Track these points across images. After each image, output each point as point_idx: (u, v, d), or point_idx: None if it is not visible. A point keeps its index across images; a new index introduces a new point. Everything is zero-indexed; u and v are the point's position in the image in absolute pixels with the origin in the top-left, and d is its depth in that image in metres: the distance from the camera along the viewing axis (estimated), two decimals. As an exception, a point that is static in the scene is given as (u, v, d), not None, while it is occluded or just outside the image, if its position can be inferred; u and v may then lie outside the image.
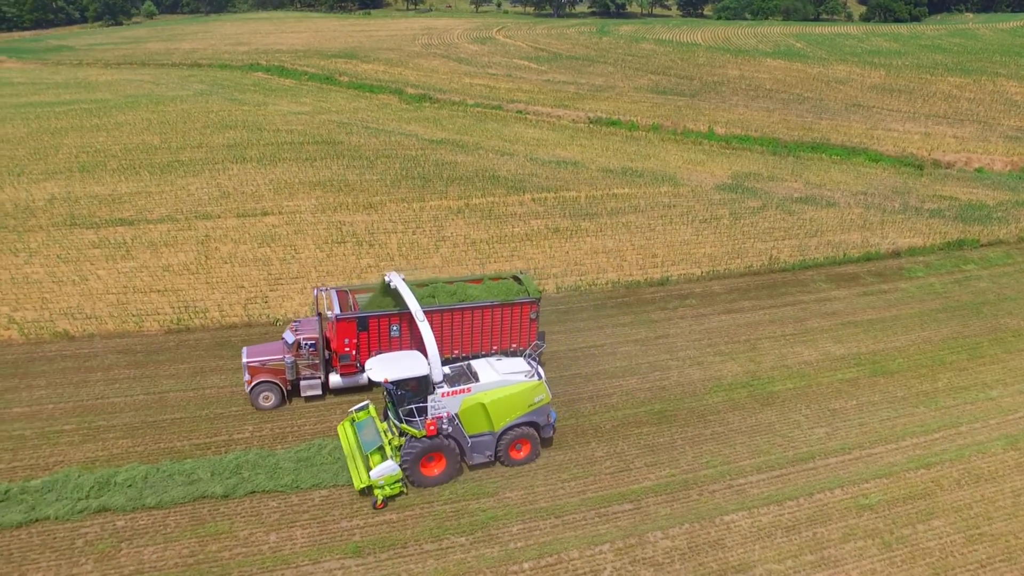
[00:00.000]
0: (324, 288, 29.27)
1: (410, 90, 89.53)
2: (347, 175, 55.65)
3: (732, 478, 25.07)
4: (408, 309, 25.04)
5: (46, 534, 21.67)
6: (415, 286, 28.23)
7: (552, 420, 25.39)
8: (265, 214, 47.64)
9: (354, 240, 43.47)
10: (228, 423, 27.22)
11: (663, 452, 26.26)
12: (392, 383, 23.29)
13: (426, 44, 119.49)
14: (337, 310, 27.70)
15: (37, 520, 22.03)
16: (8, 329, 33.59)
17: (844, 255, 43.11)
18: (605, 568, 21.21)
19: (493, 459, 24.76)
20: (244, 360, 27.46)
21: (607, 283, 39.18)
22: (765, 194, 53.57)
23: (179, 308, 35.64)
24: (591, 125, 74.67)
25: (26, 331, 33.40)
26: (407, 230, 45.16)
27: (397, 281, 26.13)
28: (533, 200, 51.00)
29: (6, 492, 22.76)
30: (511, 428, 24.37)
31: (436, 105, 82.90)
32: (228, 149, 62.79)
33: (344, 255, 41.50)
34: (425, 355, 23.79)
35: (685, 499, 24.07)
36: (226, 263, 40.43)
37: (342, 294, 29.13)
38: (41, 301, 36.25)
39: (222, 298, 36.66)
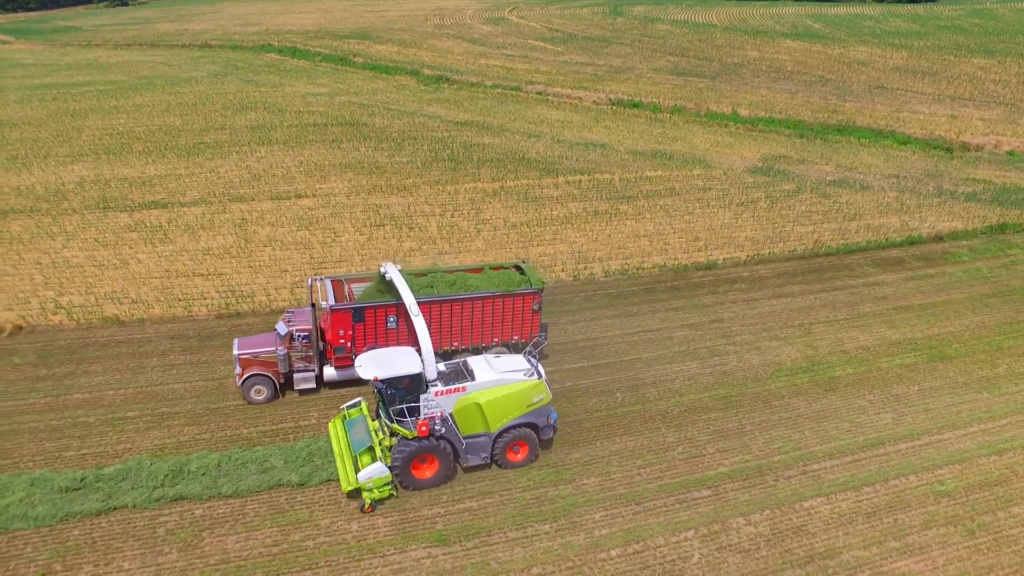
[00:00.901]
0: (319, 277, 28.16)
1: (426, 71, 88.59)
2: (376, 157, 55.09)
3: (805, 463, 24.89)
4: (403, 300, 23.93)
5: (126, 522, 21.44)
6: (413, 276, 27.63)
7: (552, 421, 24.10)
8: (299, 196, 47.16)
9: (392, 223, 43.04)
10: (292, 410, 26.96)
11: (733, 438, 26.06)
12: (382, 381, 22.07)
13: (438, 24, 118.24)
14: (332, 300, 26.58)
15: (115, 508, 21.81)
16: (56, 314, 33.21)
17: (886, 239, 42.79)
18: (692, 555, 21.06)
19: (489, 461, 23.58)
20: (235, 352, 26.48)
21: (653, 267, 38.87)
22: (798, 177, 53.13)
23: (225, 292, 35.27)
24: (613, 107, 74.00)
25: (74, 316, 33.02)
26: (444, 213, 44.73)
27: (393, 272, 25.12)
28: (567, 183, 50.54)
29: (82, 480, 22.51)
30: (508, 429, 23.14)
31: (455, 87, 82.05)
32: (252, 131, 62.12)
33: (385, 238, 41.09)
34: (419, 351, 22.60)
35: (761, 485, 23.89)
36: (267, 246, 40.01)
37: (337, 284, 27.99)
38: (85, 285, 35.85)
39: (267, 282, 36.28)
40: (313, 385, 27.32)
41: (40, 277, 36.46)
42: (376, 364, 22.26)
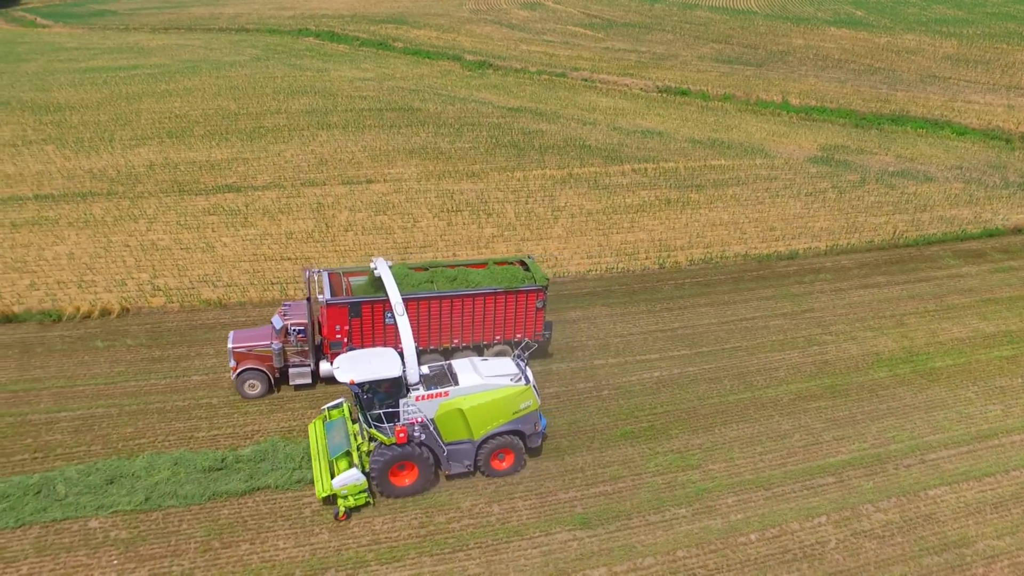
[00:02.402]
0: (316, 270, 27.29)
1: (468, 57, 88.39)
2: (438, 143, 55.24)
3: (922, 453, 25.13)
4: (389, 298, 23.16)
5: (272, 502, 21.89)
6: (413, 270, 27.05)
7: (541, 428, 23.31)
8: (370, 182, 47.40)
9: (469, 209, 43.27)
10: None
11: (847, 426, 26.31)
12: (358, 385, 20.97)
13: (474, 10, 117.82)
14: (328, 294, 25.73)
15: (258, 488, 22.22)
16: (155, 296, 33.65)
17: (962, 231, 42.77)
18: (829, 540, 21.37)
19: (473, 469, 22.82)
20: (230, 345, 25.96)
21: (736, 256, 39.01)
22: (860, 168, 53.01)
23: (316, 277, 35.55)
24: (661, 94, 73.78)
25: (173, 298, 33.44)
26: (518, 199, 44.91)
27: (382, 269, 24.33)
28: (634, 170, 50.60)
29: (223, 460, 22.97)
30: (493, 436, 22.30)
31: (500, 72, 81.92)
32: (308, 115, 62.31)
33: (464, 224, 41.34)
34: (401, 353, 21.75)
35: (883, 473, 24.16)
36: (348, 231, 40.32)
37: (335, 277, 27.19)
38: (176, 268, 36.25)
39: (356, 266, 36.51)
40: (309, 380, 26.82)
41: (131, 259, 36.87)
42: (354, 366, 21.17)
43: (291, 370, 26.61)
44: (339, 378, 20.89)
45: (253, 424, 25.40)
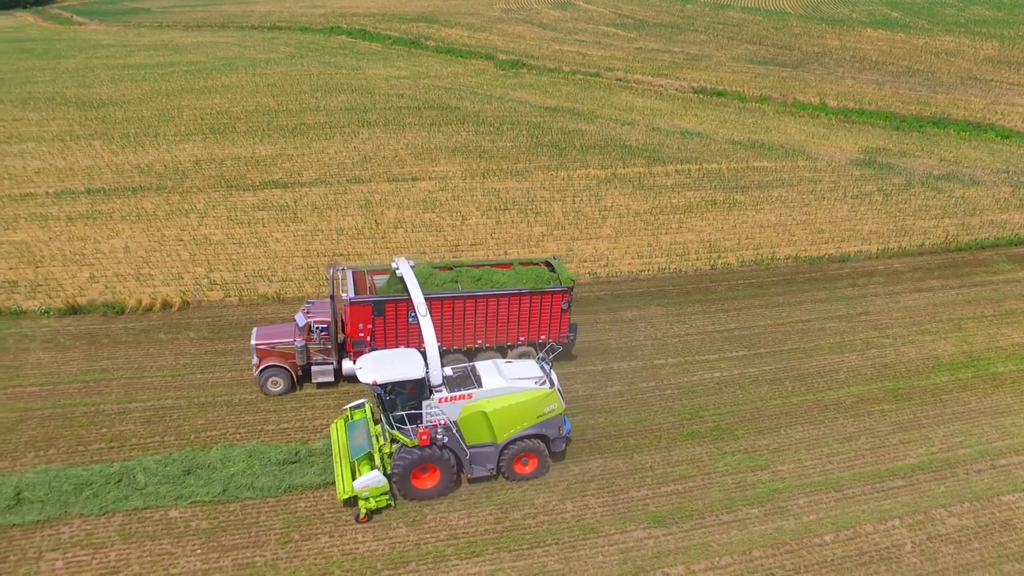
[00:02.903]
0: (340, 267, 27.15)
1: (502, 56, 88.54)
2: (479, 142, 55.39)
3: (992, 458, 24.94)
4: (411, 298, 23.01)
5: (347, 495, 22.01)
6: (437, 269, 26.82)
7: (565, 433, 22.88)
8: (415, 179, 47.61)
9: (516, 208, 43.37)
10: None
11: (912, 430, 26.15)
12: (380, 386, 20.73)
13: (505, 9, 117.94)
14: (351, 292, 25.63)
15: (332, 483, 22.37)
16: (212, 290, 34.00)
17: (1015, 236, 42.33)
18: (905, 543, 21.28)
19: (496, 473, 22.51)
20: (253, 342, 25.97)
21: (786, 257, 38.85)
22: (904, 171, 52.61)
23: (369, 273, 35.75)
24: (697, 95, 73.58)
25: (229, 292, 33.78)
26: (564, 199, 44.97)
27: (404, 269, 24.33)
28: (677, 171, 50.51)
29: (296, 453, 23.18)
30: (516, 440, 21.99)
31: (534, 72, 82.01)
32: (347, 113, 62.67)
33: (513, 223, 41.45)
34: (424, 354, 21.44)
35: (953, 477, 24.00)
36: (398, 228, 40.54)
37: (359, 275, 27.06)
38: (231, 263, 36.60)
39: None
40: (331, 379, 26.72)
41: (186, 254, 37.27)
42: (376, 367, 20.93)
43: (314, 368, 26.54)
44: (362, 379, 20.69)
45: (321, 418, 25.61)
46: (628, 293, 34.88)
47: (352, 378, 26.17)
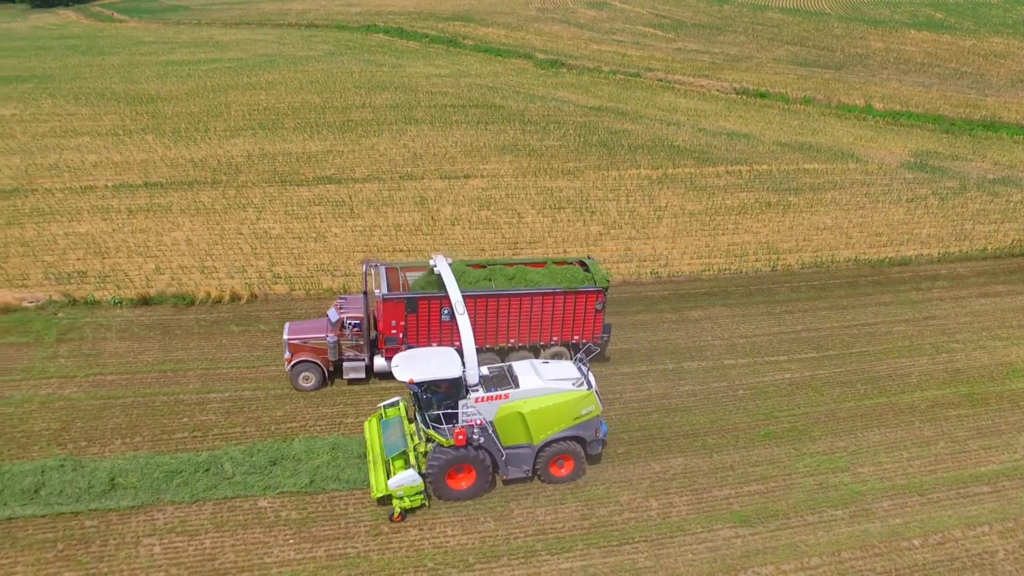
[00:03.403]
0: (374, 263, 27.03)
1: (540, 55, 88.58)
2: (527, 140, 55.45)
3: (1077, 466, 24.54)
4: (449, 296, 22.76)
5: (430, 489, 22.09)
6: (471, 267, 26.57)
7: (602, 435, 22.54)
8: (467, 177, 47.75)
9: (571, 207, 43.37)
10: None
11: (992, 436, 25.86)
12: (417, 384, 20.64)
13: (541, 8, 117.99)
14: (385, 289, 25.44)
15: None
16: (276, 284, 34.28)
17: (1079, 241, 41.70)
18: (997, 551, 21.03)
19: (531, 474, 22.24)
20: (285, 337, 25.88)
21: (846, 260, 38.55)
22: (958, 174, 52.00)
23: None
24: (740, 96, 73.16)
25: (293, 286, 34.06)
26: (617, 198, 44.91)
27: (442, 266, 24.02)
28: (728, 172, 50.27)
29: (378, 446, 23.23)
30: (553, 442, 21.73)
31: (574, 72, 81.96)
32: (393, 110, 62.96)
33: (569, 221, 41.45)
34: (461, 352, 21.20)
35: (1040, 485, 23.66)
36: (455, 224, 40.67)
37: (392, 271, 26.82)
38: (292, 257, 36.90)
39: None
40: (363, 375, 26.57)
41: (247, 247, 37.62)
42: (413, 365, 20.75)
43: (345, 364, 26.38)
44: (398, 377, 20.43)
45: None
46: (692, 293, 34.78)
47: (384, 375, 26.12)
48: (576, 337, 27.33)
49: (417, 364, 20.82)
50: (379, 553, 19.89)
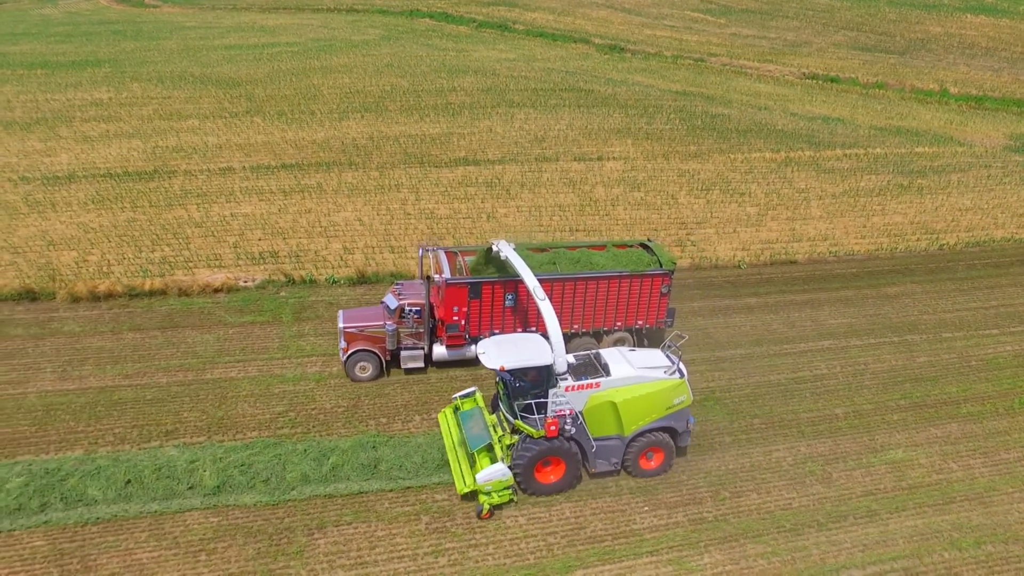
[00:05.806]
0: (432, 247, 26.12)
1: (597, 40, 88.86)
2: (637, 124, 55.95)
3: None
4: (524, 282, 21.46)
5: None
6: (532, 251, 25.67)
7: (691, 426, 21.71)
8: (601, 159, 48.19)
9: (717, 188, 44.02)
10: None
11: None
12: (508, 372, 19.84)
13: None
14: (447, 273, 24.60)
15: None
16: (470, 263, 34.50)
17: None
18: None
19: (619, 467, 21.39)
20: (340, 325, 24.97)
21: (1003, 240, 39.67)
22: (1059, 157, 53.39)
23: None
24: (810, 81, 74.14)
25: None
26: (756, 180, 45.64)
27: (507, 251, 22.68)
28: (846, 156, 51.22)
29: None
30: (644, 433, 20.90)
31: (638, 57, 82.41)
32: (486, 94, 63.03)
33: (722, 203, 42.11)
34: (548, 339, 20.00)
35: None
36: (615, 206, 41.15)
37: (451, 255, 25.77)
38: (473, 237, 36.99)
39: (661, 239, 36.82)
40: (421, 364, 25.74)
41: (423, 226, 37.80)
42: (501, 352, 19.77)
43: (403, 353, 25.54)
44: (487, 364, 19.50)
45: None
46: (876, 271, 35.66)
47: (442, 363, 25.94)
48: (640, 322, 26.72)
49: (506, 350, 19.83)
50: (735, 517, 20.49)
